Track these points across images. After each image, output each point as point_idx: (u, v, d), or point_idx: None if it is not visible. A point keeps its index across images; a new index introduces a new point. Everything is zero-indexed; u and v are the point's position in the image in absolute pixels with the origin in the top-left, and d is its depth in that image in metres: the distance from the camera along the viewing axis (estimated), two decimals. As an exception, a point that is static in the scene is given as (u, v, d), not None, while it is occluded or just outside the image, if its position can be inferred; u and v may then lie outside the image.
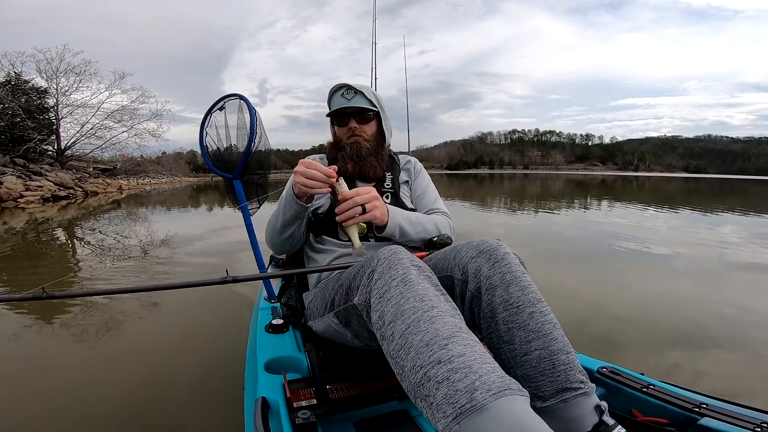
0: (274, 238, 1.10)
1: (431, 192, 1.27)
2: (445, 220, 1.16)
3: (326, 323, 0.94)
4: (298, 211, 1.00)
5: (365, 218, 0.92)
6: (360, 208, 0.90)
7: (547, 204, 10.27)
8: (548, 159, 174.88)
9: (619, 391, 0.86)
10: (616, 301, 2.59)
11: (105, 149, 19.66)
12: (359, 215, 0.91)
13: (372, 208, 0.92)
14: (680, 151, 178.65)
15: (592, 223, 6.62)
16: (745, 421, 0.69)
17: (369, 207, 0.92)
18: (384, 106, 1.21)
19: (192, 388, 1.53)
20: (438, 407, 0.53)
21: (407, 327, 0.61)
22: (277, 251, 1.17)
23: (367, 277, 0.73)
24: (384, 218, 0.97)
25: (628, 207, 9.58)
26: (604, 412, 0.68)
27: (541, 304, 0.75)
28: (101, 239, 4.99)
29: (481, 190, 18.12)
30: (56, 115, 17.57)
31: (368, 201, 0.92)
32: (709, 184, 29.59)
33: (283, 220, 1.04)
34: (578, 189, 18.96)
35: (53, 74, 17.55)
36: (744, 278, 3.28)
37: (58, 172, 14.57)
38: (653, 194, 16.15)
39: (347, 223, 0.92)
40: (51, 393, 1.50)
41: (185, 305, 2.49)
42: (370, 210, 0.92)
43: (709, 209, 9.26)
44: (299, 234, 1.09)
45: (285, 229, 1.05)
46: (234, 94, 1.37)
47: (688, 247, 4.50)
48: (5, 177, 11.34)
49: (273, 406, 0.80)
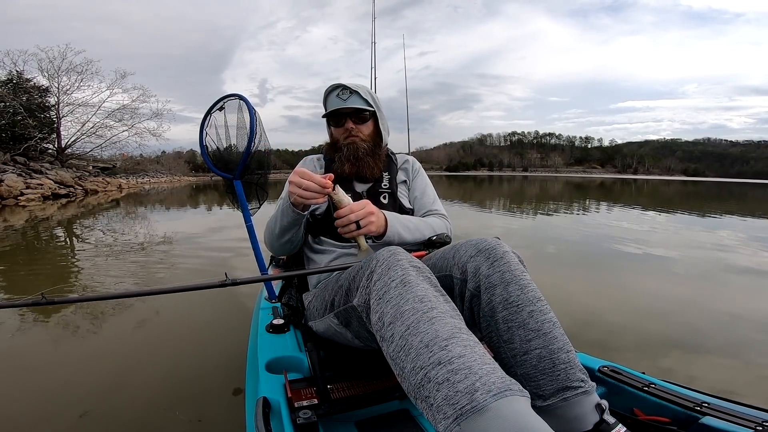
0: (273, 242, 1.11)
1: (430, 193, 1.27)
2: (442, 223, 1.17)
3: (326, 324, 0.94)
4: (295, 219, 1.02)
5: (361, 233, 0.94)
6: (354, 225, 0.92)
7: (546, 206, 10.29)
8: (547, 161, 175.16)
9: (620, 390, 0.86)
10: (614, 304, 2.59)
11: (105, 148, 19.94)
12: (355, 230, 0.93)
13: (367, 223, 0.93)
14: (679, 154, 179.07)
15: (590, 226, 6.63)
16: (747, 420, 0.69)
17: (363, 223, 0.93)
18: (381, 105, 1.21)
19: (193, 387, 1.52)
20: (438, 408, 0.53)
21: (407, 328, 0.61)
22: (277, 254, 1.18)
23: (367, 279, 0.73)
24: (380, 230, 0.98)
25: (627, 210, 9.60)
26: (604, 410, 0.68)
27: (540, 303, 0.75)
28: (101, 239, 4.98)
29: (480, 191, 18.14)
30: (57, 114, 17.76)
31: (363, 217, 0.92)
32: (708, 188, 29.65)
33: (280, 227, 1.05)
34: (577, 191, 18.99)
35: (55, 73, 17.81)
36: (740, 281, 3.28)
37: (58, 171, 14.71)
38: (651, 197, 16.19)
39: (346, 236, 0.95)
40: (50, 392, 1.50)
41: (185, 305, 2.48)
42: (365, 225, 0.93)
43: (708, 212, 9.28)
44: (298, 238, 1.10)
45: (283, 234, 1.06)
46: (234, 94, 1.37)
47: (685, 250, 4.50)
48: (6, 175, 11.48)
49: (274, 406, 0.79)
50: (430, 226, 1.12)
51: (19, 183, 11.32)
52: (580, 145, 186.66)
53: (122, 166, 22.46)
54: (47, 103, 17.56)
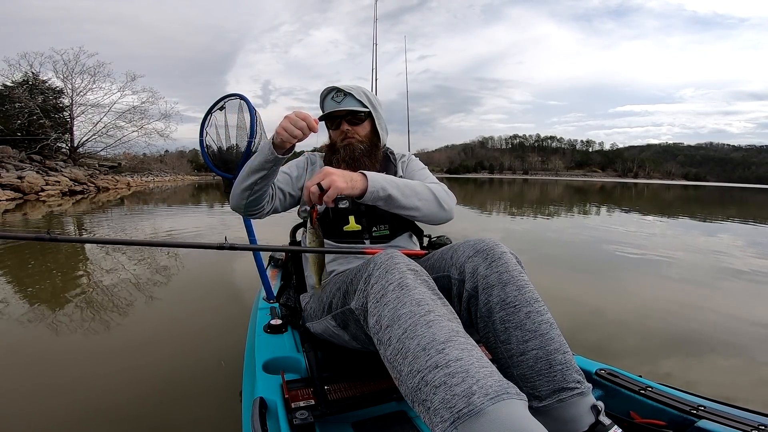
0: (236, 185, 1.02)
1: (423, 173, 1.21)
2: (438, 185, 1.07)
3: (324, 325, 0.94)
4: (267, 159, 0.94)
5: (331, 194, 0.81)
6: (316, 188, 0.81)
7: (546, 209, 10.27)
8: (548, 164, 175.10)
9: (617, 392, 0.86)
10: (613, 307, 2.59)
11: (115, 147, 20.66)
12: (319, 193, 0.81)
13: (329, 183, 0.82)
14: (681, 158, 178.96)
15: (589, 229, 6.63)
16: (743, 424, 0.69)
17: (325, 183, 0.81)
18: (378, 105, 1.20)
19: (190, 387, 1.52)
20: (436, 412, 0.53)
21: (404, 332, 0.61)
22: (234, 203, 1.05)
23: (364, 282, 0.73)
24: (355, 186, 0.87)
25: (625, 214, 9.59)
26: (600, 412, 0.68)
27: (537, 304, 0.75)
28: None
29: (481, 194, 18.12)
30: (71, 114, 18.51)
31: (321, 179, 0.82)
32: (709, 192, 29.62)
33: (250, 167, 0.98)
34: (577, 195, 18.97)
35: (69, 75, 18.54)
36: (738, 286, 3.28)
37: (72, 169, 15.42)
38: (652, 202, 16.16)
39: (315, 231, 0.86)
40: (49, 388, 1.50)
41: (184, 304, 2.50)
42: (328, 185, 0.81)
43: (709, 217, 9.27)
44: (261, 191, 1.01)
45: (248, 176, 0.98)
46: (234, 94, 1.37)
47: (684, 254, 4.50)
48: (26, 172, 12.22)
49: (271, 407, 0.79)
50: (422, 184, 1.02)
51: (39, 180, 12.08)
52: (581, 149, 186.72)
53: (127, 164, 22.64)
54: (61, 104, 18.38)
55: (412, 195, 0.97)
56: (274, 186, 1.10)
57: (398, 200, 0.95)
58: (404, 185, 0.97)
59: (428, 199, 1.01)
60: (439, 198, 1.03)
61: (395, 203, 0.95)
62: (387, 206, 0.95)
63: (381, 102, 1.23)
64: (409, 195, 0.97)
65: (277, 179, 1.12)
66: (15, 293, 2.66)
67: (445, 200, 1.04)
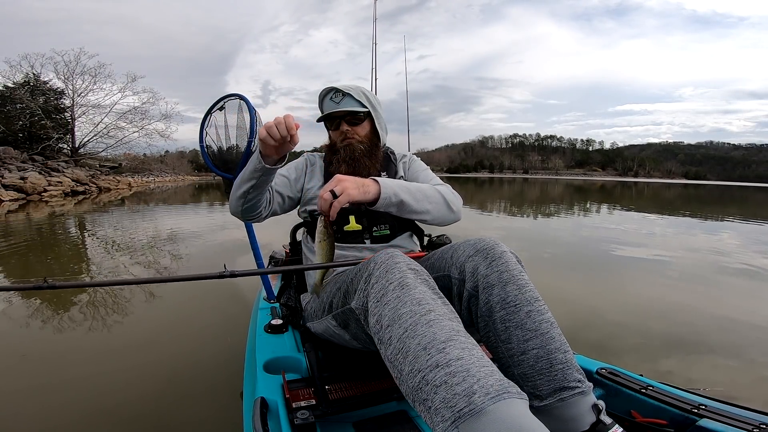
0: (232, 195, 1.03)
1: (428, 175, 1.21)
2: (445, 187, 1.08)
3: (325, 325, 0.94)
4: (256, 168, 0.93)
5: (342, 201, 0.81)
6: (329, 194, 0.81)
7: (546, 208, 10.27)
8: (548, 164, 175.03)
9: (618, 392, 0.86)
10: (613, 306, 2.59)
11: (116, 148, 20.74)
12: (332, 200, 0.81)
13: (342, 189, 0.82)
14: (681, 157, 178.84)
15: (589, 228, 6.62)
16: (744, 423, 0.69)
17: (338, 190, 0.81)
18: (377, 104, 1.19)
19: (191, 387, 1.52)
20: (436, 411, 0.53)
21: (404, 331, 0.61)
22: (232, 209, 1.06)
23: (364, 281, 0.73)
24: (367, 192, 0.87)
25: (625, 212, 9.58)
26: (601, 411, 0.68)
27: (538, 303, 0.75)
28: (110, 235, 4.99)
29: (481, 193, 18.11)
30: (72, 115, 18.57)
31: (334, 185, 0.82)
32: (709, 191, 29.59)
33: (241, 176, 0.98)
34: (577, 194, 18.96)
35: (70, 76, 18.61)
36: (738, 284, 3.28)
37: (74, 169, 15.51)
38: (652, 200, 16.15)
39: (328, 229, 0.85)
40: (49, 388, 1.50)
41: (184, 304, 2.49)
42: (341, 192, 0.81)
43: (709, 216, 9.26)
44: (255, 200, 1.01)
45: (240, 185, 0.98)
46: (234, 94, 1.38)
47: (684, 253, 4.50)
48: (29, 173, 12.29)
49: (272, 407, 0.79)
50: (431, 187, 1.02)
51: (42, 180, 12.15)
52: (581, 148, 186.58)
53: (128, 165, 22.69)
54: (62, 105, 18.45)
55: (423, 199, 0.97)
56: (272, 190, 1.10)
57: (410, 205, 0.94)
58: (415, 189, 0.97)
59: (438, 201, 1.01)
60: (448, 200, 1.03)
61: (407, 208, 0.94)
62: (399, 212, 0.95)
63: (381, 102, 1.22)
64: (421, 199, 0.97)
65: (275, 183, 1.12)
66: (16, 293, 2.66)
67: (453, 202, 1.05)
